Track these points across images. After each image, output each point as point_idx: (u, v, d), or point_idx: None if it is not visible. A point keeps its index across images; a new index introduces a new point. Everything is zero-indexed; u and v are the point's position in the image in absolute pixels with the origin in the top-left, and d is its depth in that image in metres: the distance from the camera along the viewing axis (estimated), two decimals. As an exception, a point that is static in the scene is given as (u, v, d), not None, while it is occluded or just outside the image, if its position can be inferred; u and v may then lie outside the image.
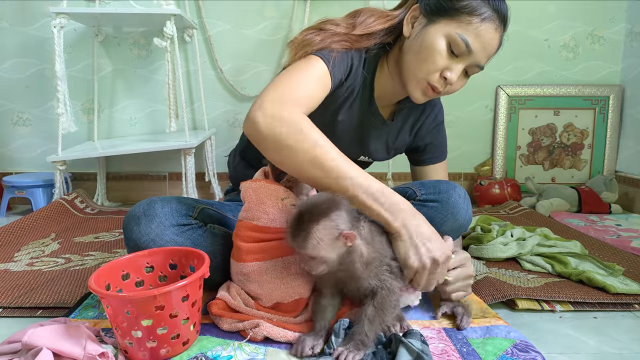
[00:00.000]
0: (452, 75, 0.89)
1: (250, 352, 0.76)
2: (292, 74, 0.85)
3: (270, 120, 0.76)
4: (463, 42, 0.86)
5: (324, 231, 0.70)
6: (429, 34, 0.89)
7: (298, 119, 0.78)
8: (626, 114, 2.11)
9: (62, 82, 1.68)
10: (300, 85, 0.83)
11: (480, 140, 2.20)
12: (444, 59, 0.88)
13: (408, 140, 1.14)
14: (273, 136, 0.76)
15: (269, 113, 0.77)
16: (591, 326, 0.92)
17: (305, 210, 0.71)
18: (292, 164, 0.78)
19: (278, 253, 0.82)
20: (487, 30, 0.87)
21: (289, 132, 0.76)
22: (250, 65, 2.07)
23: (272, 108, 0.77)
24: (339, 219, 0.71)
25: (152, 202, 0.91)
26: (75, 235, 1.52)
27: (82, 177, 2.12)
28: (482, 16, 0.86)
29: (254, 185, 0.84)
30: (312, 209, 0.71)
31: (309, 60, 0.87)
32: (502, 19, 0.88)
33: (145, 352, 0.72)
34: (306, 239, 0.69)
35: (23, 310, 0.95)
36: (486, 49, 0.89)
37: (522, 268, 1.21)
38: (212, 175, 2.08)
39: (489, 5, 0.87)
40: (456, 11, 0.87)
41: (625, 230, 1.60)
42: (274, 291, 0.83)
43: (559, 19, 2.10)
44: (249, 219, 0.84)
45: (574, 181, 2.18)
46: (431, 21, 0.89)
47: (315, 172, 0.77)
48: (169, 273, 0.89)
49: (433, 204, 0.95)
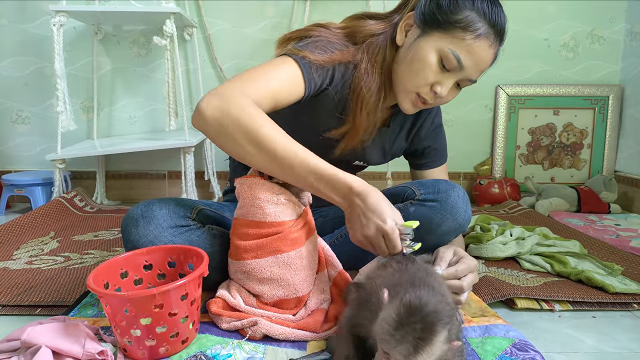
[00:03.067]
0: (442, 90, 0.88)
1: (250, 350, 0.76)
2: (258, 68, 0.84)
3: (217, 104, 0.76)
4: (455, 59, 0.85)
5: (441, 345, 0.56)
6: (421, 47, 0.87)
7: (243, 103, 0.77)
8: (626, 114, 2.11)
9: (61, 80, 1.68)
10: (266, 78, 0.82)
11: (479, 140, 2.20)
12: (435, 73, 0.87)
13: (405, 145, 1.13)
14: (214, 119, 0.76)
15: (215, 100, 0.77)
16: (590, 325, 0.92)
17: (426, 313, 0.56)
18: (232, 149, 0.78)
19: (276, 249, 0.82)
20: (481, 48, 0.85)
21: (230, 115, 0.75)
22: (250, 64, 2.07)
23: (221, 95, 0.77)
24: (453, 327, 0.59)
25: (149, 203, 0.91)
26: (75, 233, 1.52)
27: (82, 175, 2.12)
28: (477, 32, 0.84)
29: (248, 182, 0.84)
30: (435, 315, 0.56)
31: (284, 59, 0.86)
32: (498, 33, 0.86)
33: (144, 351, 0.72)
34: (420, 349, 0.54)
35: (22, 309, 0.95)
36: (479, 65, 0.87)
37: (521, 267, 1.21)
38: (212, 174, 2.08)
39: (485, 19, 0.84)
40: (450, 25, 0.84)
41: (624, 230, 1.60)
42: (276, 288, 0.83)
43: (558, 19, 2.10)
44: (243, 216, 0.85)
45: (573, 181, 2.18)
46: (425, 33, 0.87)
47: (258, 156, 0.77)
48: (167, 271, 0.89)
49: (432, 204, 0.94)
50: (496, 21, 0.85)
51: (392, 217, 0.77)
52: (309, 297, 0.87)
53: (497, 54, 0.90)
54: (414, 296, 0.57)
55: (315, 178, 0.77)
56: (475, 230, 1.44)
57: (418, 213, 0.93)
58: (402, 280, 0.66)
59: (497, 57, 0.90)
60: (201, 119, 0.77)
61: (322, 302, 0.87)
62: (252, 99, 0.78)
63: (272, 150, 0.76)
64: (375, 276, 0.73)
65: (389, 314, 0.57)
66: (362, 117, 0.94)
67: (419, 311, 0.55)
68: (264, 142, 0.76)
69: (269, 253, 0.83)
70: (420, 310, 0.55)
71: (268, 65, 0.85)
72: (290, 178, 0.79)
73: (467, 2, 0.85)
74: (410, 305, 0.56)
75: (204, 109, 0.76)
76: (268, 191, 0.83)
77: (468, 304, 0.94)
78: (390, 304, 0.59)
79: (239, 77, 0.82)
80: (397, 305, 0.57)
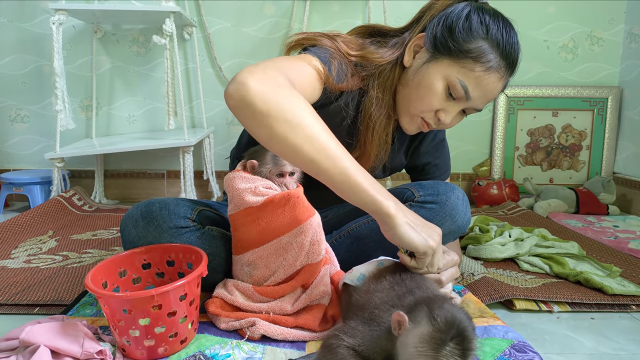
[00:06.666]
0: (447, 118, 0.87)
1: (249, 350, 0.76)
2: (285, 59, 0.79)
3: (268, 89, 0.66)
4: (462, 89, 0.83)
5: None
6: (429, 72, 0.85)
7: (302, 100, 0.69)
8: (624, 116, 2.11)
9: (60, 78, 1.68)
10: (295, 68, 0.77)
11: (478, 141, 2.20)
12: (440, 100, 0.86)
13: (404, 161, 1.12)
14: (275, 112, 0.66)
15: (263, 79, 0.67)
16: (588, 327, 0.92)
17: (469, 326, 0.57)
18: (285, 141, 0.67)
19: (275, 234, 0.84)
20: (490, 80, 0.83)
21: (286, 105, 0.66)
22: (249, 64, 2.06)
23: (268, 76, 0.68)
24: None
25: (149, 204, 0.91)
26: (73, 232, 1.52)
27: (80, 174, 2.11)
28: (487, 65, 0.82)
29: (232, 175, 0.88)
30: (470, 324, 0.58)
31: (306, 55, 0.83)
32: (509, 66, 0.84)
33: (143, 351, 0.72)
34: (470, 356, 0.56)
35: (20, 308, 0.95)
36: (486, 96, 0.85)
37: (519, 268, 1.21)
38: (211, 173, 2.08)
39: (498, 51, 0.82)
40: (461, 54, 0.82)
41: (622, 231, 1.60)
42: (280, 268, 0.84)
43: (558, 20, 2.10)
44: (234, 210, 0.87)
45: (571, 182, 2.18)
46: (434, 58, 0.85)
47: (311, 152, 0.67)
48: (166, 270, 0.88)
49: (431, 206, 0.94)
50: (509, 53, 0.83)
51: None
52: (314, 285, 0.86)
53: (507, 85, 0.88)
54: (443, 312, 0.57)
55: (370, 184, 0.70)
56: (474, 231, 1.44)
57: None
58: (402, 293, 0.67)
59: (506, 87, 0.89)
60: (246, 93, 0.66)
61: (323, 296, 0.87)
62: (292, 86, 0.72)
63: (325, 148, 0.68)
64: (372, 291, 0.72)
65: (422, 338, 0.56)
66: (374, 144, 0.93)
67: (455, 326, 0.55)
68: (318, 141, 0.67)
69: (270, 238, 0.84)
70: (454, 324, 0.55)
71: (295, 58, 0.80)
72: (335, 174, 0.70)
73: (480, 30, 0.82)
74: (445, 322, 0.55)
75: (249, 81, 0.66)
76: (245, 182, 0.85)
77: (467, 304, 0.94)
78: (417, 326, 0.57)
79: (270, 60, 0.75)
80: (429, 328, 0.56)
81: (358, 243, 1.00)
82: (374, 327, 0.65)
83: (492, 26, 0.83)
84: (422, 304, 0.60)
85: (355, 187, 0.68)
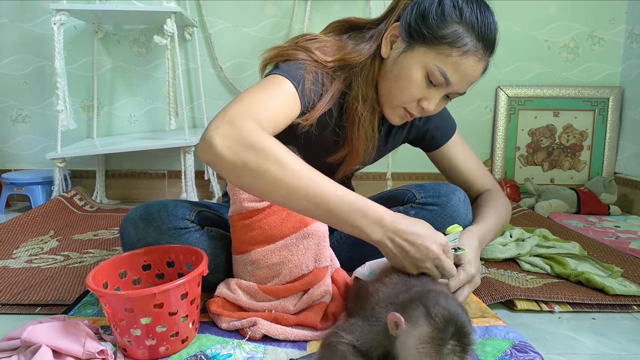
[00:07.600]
0: (429, 105, 0.86)
1: (250, 350, 0.76)
2: (253, 93, 0.77)
3: (232, 144, 0.68)
4: (441, 75, 0.82)
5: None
6: (407, 62, 0.84)
7: (268, 143, 0.69)
8: (625, 116, 2.11)
9: (61, 79, 1.68)
10: (262, 104, 0.76)
11: (479, 141, 2.20)
12: (421, 89, 0.85)
13: (404, 136, 1.10)
14: (241, 163, 0.68)
15: (228, 134, 0.69)
16: (590, 327, 0.92)
17: (466, 320, 0.57)
18: (255, 189, 0.71)
19: (279, 236, 0.84)
20: (469, 64, 0.82)
21: (258, 160, 0.68)
22: (250, 64, 2.07)
23: (233, 128, 0.69)
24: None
25: (148, 205, 0.91)
26: (74, 232, 1.52)
27: (81, 174, 2.11)
28: (464, 49, 0.80)
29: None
30: (466, 317, 0.58)
31: (275, 79, 0.81)
32: (487, 47, 0.82)
33: (144, 350, 0.72)
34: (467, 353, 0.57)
35: (22, 307, 0.95)
36: (467, 80, 0.84)
37: (520, 269, 1.21)
38: (212, 173, 2.08)
39: (474, 33, 0.80)
40: (436, 40, 0.80)
41: (624, 231, 1.60)
42: (285, 269, 0.84)
43: (559, 20, 2.10)
44: (235, 212, 0.87)
45: (573, 182, 2.18)
46: (410, 47, 0.84)
47: (281, 196, 0.70)
48: (166, 271, 0.89)
49: (432, 207, 0.94)
50: (485, 34, 0.81)
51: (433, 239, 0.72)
52: (316, 285, 0.86)
53: (488, 66, 0.87)
54: (440, 310, 0.57)
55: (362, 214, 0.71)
56: (475, 231, 1.43)
57: (418, 217, 0.91)
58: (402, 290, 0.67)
59: (488, 68, 0.87)
60: (213, 152, 0.69)
61: (324, 295, 0.87)
62: (266, 130, 0.73)
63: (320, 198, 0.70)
64: (378, 287, 0.72)
65: (422, 339, 0.56)
66: (361, 139, 0.93)
67: (453, 322, 0.55)
68: (312, 193, 0.69)
69: (272, 241, 0.85)
70: (452, 321, 0.55)
71: (263, 88, 0.79)
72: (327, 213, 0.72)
73: (454, 14, 0.81)
74: (443, 320, 0.55)
75: (215, 139, 0.68)
76: None
77: (468, 304, 0.94)
78: (415, 326, 0.57)
79: (237, 101, 0.75)
80: (428, 328, 0.56)
81: (359, 244, 1.00)
82: (373, 323, 0.65)
83: (465, 9, 0.81)
84: (416, 301, 0.60)
85: (335, 218, 0.71)
